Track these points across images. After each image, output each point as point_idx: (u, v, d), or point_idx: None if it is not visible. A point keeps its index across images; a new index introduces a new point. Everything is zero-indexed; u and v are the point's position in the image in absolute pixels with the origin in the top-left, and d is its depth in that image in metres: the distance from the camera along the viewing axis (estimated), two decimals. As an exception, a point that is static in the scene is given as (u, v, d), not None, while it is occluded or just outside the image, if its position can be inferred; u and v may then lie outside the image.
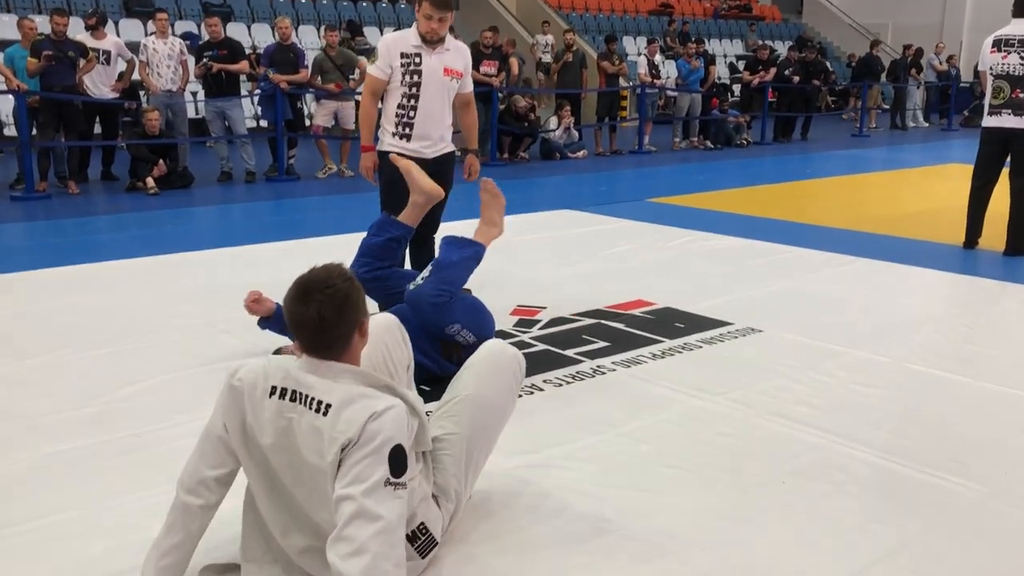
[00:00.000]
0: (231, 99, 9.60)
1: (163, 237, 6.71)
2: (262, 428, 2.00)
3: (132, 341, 4.10)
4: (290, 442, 1.97)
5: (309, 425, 1.93)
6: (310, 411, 1.93)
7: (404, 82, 4.22)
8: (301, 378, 1.98)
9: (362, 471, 1.85)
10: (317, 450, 1.92)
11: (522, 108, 11.96)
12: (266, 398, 2.00)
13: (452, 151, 4.46)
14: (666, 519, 2.53)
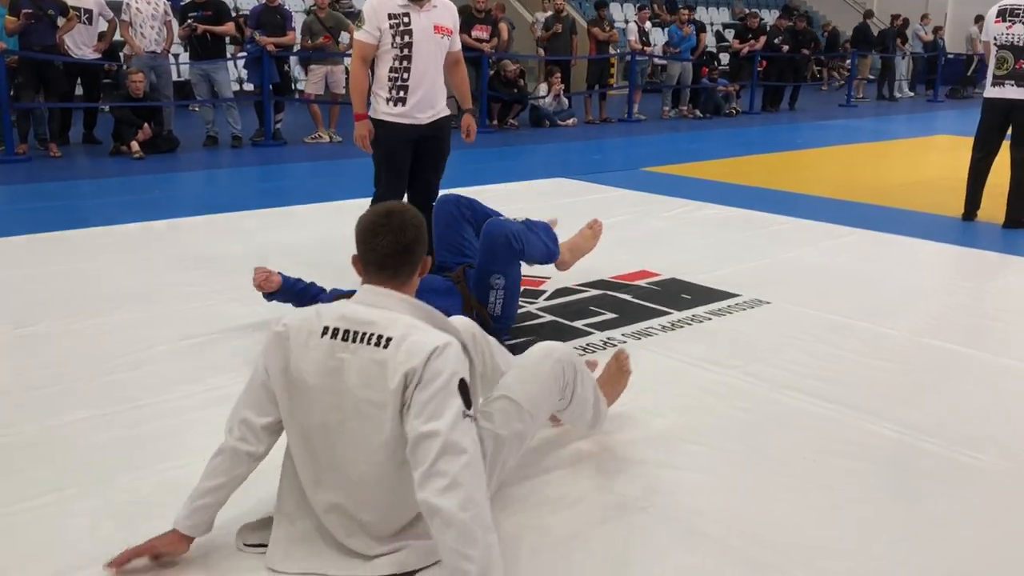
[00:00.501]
0: (216, 62, 9.38)
1: (150, 203, 6.56)
2: (309, 370, 1.99)
3: (130, 310, 3.99)
4: (340, 381, 1.97)
5: (368, 360, 1.94)
6: (369, 346, 1.95)
7: (395, 44, 4.06)
8: (360, 315, 2.00)
9: (437, 407, 1.87)
10: (376, 383, 1.92)
11: (511, 73, 11.80)
12: (317, 339, 2.00)
13: (448, 115, 4.32)
14: (693, 497, 2.48)
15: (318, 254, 4.98)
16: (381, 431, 1.95)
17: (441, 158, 4.33)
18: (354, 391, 1.96)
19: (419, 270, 2.11)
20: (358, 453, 1.99)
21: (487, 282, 3.52)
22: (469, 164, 8.53)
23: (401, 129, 4.14)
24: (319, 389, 1.99)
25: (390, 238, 2.03)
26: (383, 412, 1.93)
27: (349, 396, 1.97)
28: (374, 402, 1.94)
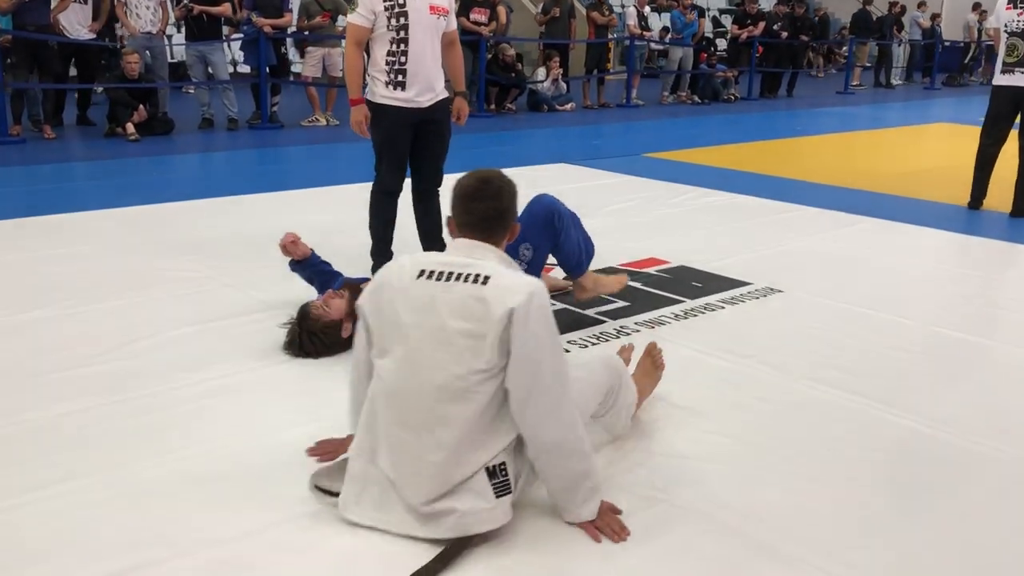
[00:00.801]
0: (212, 43, 9.25)
1: (146, 185, 6.47)
2: (403, 308, 2.13)
3: (127, 295, 3.91)
4: (433, 316, 2.09)
5: (465, 295, 2.07)
6: (467, 283, 2.08)
7: (391, 27, 3.94)
8: (455, 260, 2.16)
9: (539, 343, 2.04)
10: (475, 316, 2.05)
11: (509, 57, 11.70)
12: (413, 280, 2.14)
13: (447, 97, 4.23)
14: (717, 488, 2.43)
15: (316, 239, 4.84)
16: (474, 361, 2.05)
17: (444, 143, 4.24)
18: (449, 324, 2.07)
19: (508, 235, 2.26)
20: (443, 386, 2.08)
21: (516, 252, 3.43)
22: (467, 149, 8.43)
23: (403, 113, 4.05)
24: (412, 325, 2.11)
25: (487, 203, 2.20)
26: (481, 342, 2.04)
27: (443, 330, 2.07)
28: (472, 333, 2.05)
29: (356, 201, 4.35)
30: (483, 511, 2.10)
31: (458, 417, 2.08)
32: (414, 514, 2.12)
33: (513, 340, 2.03)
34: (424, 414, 2.10)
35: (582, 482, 2.14)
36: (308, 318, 3.24)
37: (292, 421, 2.74)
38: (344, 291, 3.34)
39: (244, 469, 2.46)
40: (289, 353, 3.24)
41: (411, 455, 2.12)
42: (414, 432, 2.11)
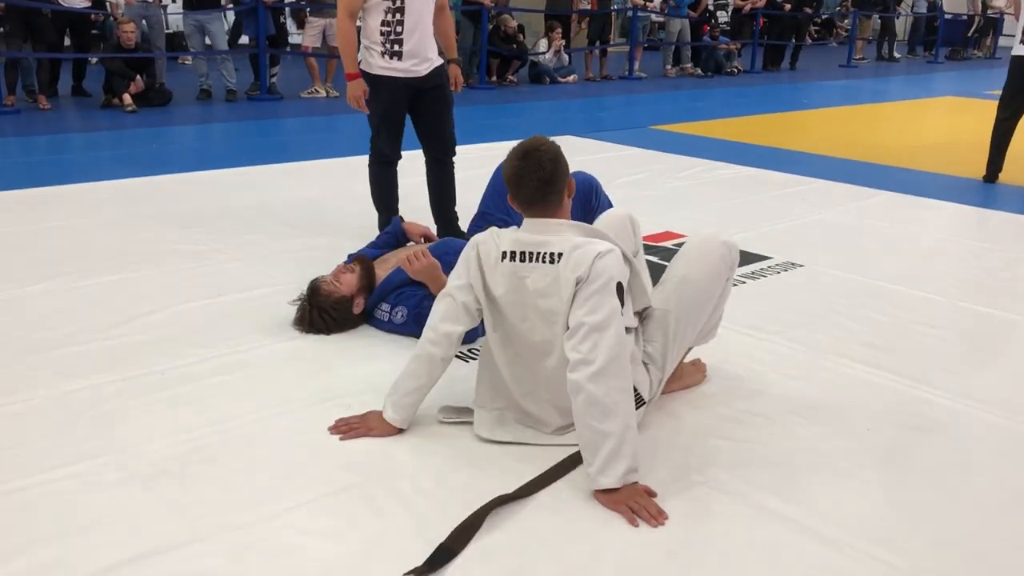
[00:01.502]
0: (211, 12, 9.05)
1: (144, 157, 6.34)
2: (497, 285, 2.30)
3: (134, 268, 3.80)
4: (523, 295, 2.26)
5: (542, 275, 2.22)
6: (543, 264, 2.22)
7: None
8: (530, 239, 2.26)
9: (596, 303, 2.13)
10: (552, 295, 2.21)
11: (511, 29, 11.52)
12: (499, 263, 2.29)
13: (442, 63, 4.08)
14: (754, 470, 2.34)
15: (316, 211, 4.80)
16: (559, 330, 2.21)
17: (448, 108, 4.11)
18: (536, 303, 2.25)
19: (567, 193, 2.32)
20: (543, 354, 2.29)
21: None
22: (469, 121, 8.30)
23: (401, 83, 3.92)
24: (507, 302, 2.30)
25: (532, 178, 2.25)
26: (561, 318, 2.20)
27: (532, 307, 2.26)
28: (553, 311, 2.22)
29: (357, 173, 4.24)
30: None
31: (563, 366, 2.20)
32: (545, 421, 2.37)
33: (578, 294, 2.15)
34: (533, 378, 2.34)
35: (603, 442, 2.12)
36: (318, 294, 3.12)
37: (307, 399, 2.65)
38: (355, 265, 3.23)
39: (260, 449, 2.37)
40: (299, 330, 3.14)
41: (538, 398, 2.36)
42: (531, 385, 2.35)
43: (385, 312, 3.15)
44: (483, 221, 3.68)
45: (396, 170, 4.13)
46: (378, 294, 3.19)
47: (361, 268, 3.22)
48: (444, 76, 4.10)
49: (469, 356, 2.99)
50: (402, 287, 3.16)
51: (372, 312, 3.20)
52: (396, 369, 2.83)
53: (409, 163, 4.24)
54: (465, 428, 2.48)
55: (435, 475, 2.26)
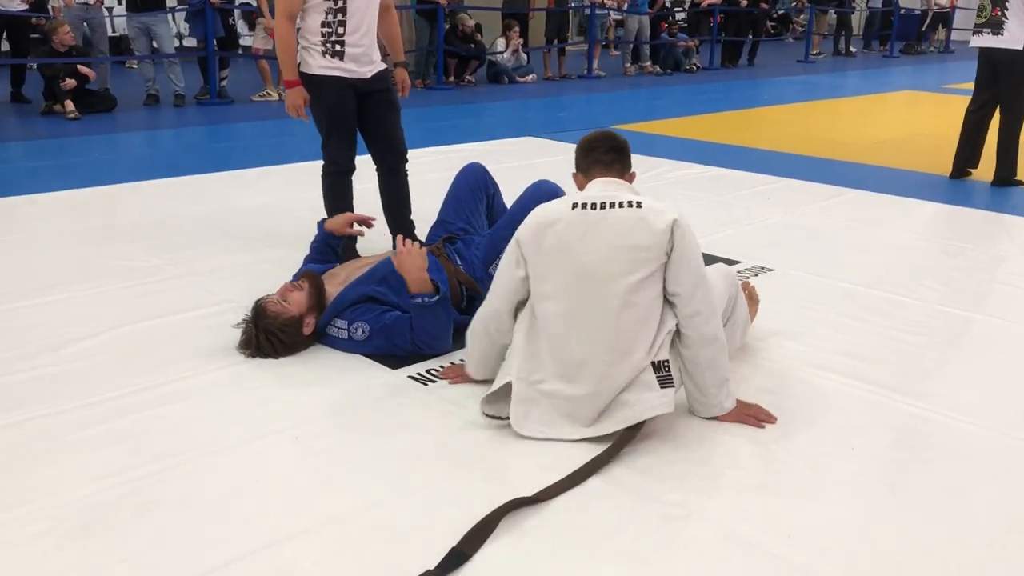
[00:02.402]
0: (156, 14, 8.75)
1: (86, 166, 6.07)
2: (566, 234, 2.42)
3: (69, 288, 3.55)
4: (598, 237, 2.40)
5: (624, 217, 2.39)
6: (622, 209, 2.40)
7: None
8: (604, 193, 2.46)
9: (695, 248, 2.42)
10: (640, 232, 2.37)
11: (468, 28, 11.32)
12: (569, 211, 2.44)
13: (386, 67, 3.88)
14: (734, 497, 2.18)
15: (268, 221, 4.57)
16: (639, 271, 2.36)
17: (395, 111, 3.89)
18: (614, 243, 2.38)
19: (631, 168, 2.63)
20: (614, 296, 2.38)
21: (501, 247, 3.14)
22: (428, 122, 8.11)
23: (345, 84, 3.69)
24: (580, 250, 2.40)
25: (608, 143, 2.60)
26: (647, 253, 2.36)
27: (610, 248, 2.38)
28: (638, 247, 2.36)
29: (313, 179, 4.02)
30: (651, 399, 2.37)
31: (627, 322, 2.37)
32: (580, 421, 2.41)
33: (676, 246, 2.36)
34: (597, 326, 2.39)
35: (727, 376, 2.50)
36: (265, 315, 2.90)
37: (252, 432, 2.44)
38: (303, 282, 3.02)
39: (201, 493, 2.16)
40: (245, 354, 2.92)
41: (586, 369, 2.40)
42: (587, 345, 2.40)
43: (342, 329, 2.95)
44: (441, 229, 3.49)
45: (351, 179, 3.92)
46: (332, 311, 2.98)
47: (310, 285, 3.01)
48: (390, 80, 3.89)
49: (427, 379, 2.80)
50: (358, 302, 2.97)
51: (325, 330, 2.99)
52: (350, 394, 2.68)
53: (359, 168, 4.03)
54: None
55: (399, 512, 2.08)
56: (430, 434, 2.46)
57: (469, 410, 2.59)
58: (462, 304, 3.15)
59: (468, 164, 3.69)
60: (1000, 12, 5.70)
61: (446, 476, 2.25)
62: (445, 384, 2.76)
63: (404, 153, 3.96)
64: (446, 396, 2.68)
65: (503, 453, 2.37)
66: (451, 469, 2.28)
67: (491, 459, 2.34)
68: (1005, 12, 5.65)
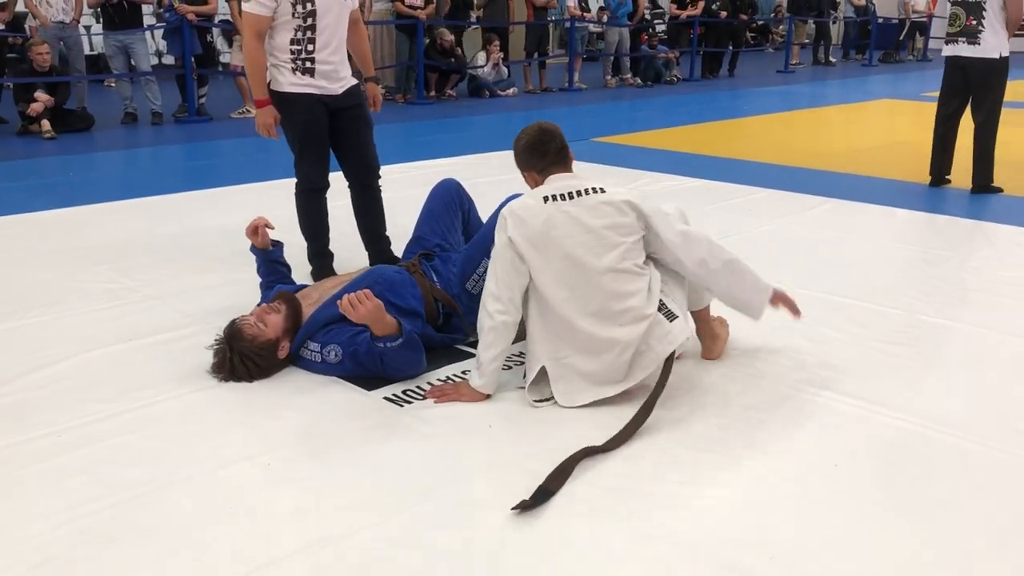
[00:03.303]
0: (134, 32, 8.68)
1: (62, 186, 5.99)
2: (549, 225, 2.66)
3: (38, 312, 3.48)
4: (577, 224, 2.67)
5: (594, 202, 2.70)
6: (590, 195, 2.71)
7: (296, 14, 3.51)
8: (565, 184, 2.74)
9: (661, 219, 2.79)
10: (612, 211, 2.69)
11: (448, 43, 11.30)
12: (541, 204, 2.69)
13: (357, 83, 3.83)
14: (717, 518, 2.13)
15: (244, 239, 4.39)
16: (622, 241, 2.68)
17: (368, 128, 3.84)
18: (591, 225, 2.67)
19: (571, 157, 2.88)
20: (607, 268, 2.66)
21: (478, 262, 3.11)
22: (410, 137, 8.07)
23: (316, 100, 3.65)
24: (564, 235, 2.66)
25: (555, 143, 2.81)
26: (623, 228, 2.69)
27: (588, 231, 2.66)
28: (614, 225, 2.68)
29: (287, 198, 3.96)
30: (669, 335, 2.67)
31: (623, 291, 2.66)
32: (613, 382, 2.69)
33: (647, 223, 2.73)
34: (599, 302, 2.65)
35: (751, 276, 2.97)
36: (241, 338, 2.83)
37: (222, 459, 2.37)
38: (280, 304, 2.96)
39: (167, 525, 2.09)
40: (218, 378, 2.85)
41: (600, 341, 2.65)
42: (594, 321, 2.65)
43: (315, 352, 2.88)
44: (417, 246, 3.44)
45: (325, 197, 3.86)
46: (304, 333, 2.93)
47: (288, 308, 2.95)
48: (361, 96, 3.85)
49: (403, 400, 2.74)
50: (331, 324, 2.91)
51: (298, 352, 2.93)
52: (324, 418, 2.61)
53: (332, 185, 3.97)
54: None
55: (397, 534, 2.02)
56: (405, 457, 2.40)
57: (445, 431, 2.54)
58: (438, 322, 3.10)
59: (442, 180, 3.65)
60: (975, 22, 5.71)
61: (421, 501, 2.19)
62: (421, 405, 2.70)
63: (377, 169, 3.91)
64: (422, 417, 2.63)
65: (479, 477, 2.32)
66: (426, 493, 2.22)
67: (467, 483, 2.29)
68: (981, 22, 5.67)
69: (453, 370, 2.95)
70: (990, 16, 5.63)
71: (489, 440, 2.51)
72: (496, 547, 2.02)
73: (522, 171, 2.89)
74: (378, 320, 2.70)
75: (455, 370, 2.95)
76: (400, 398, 2.74)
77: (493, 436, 2.53)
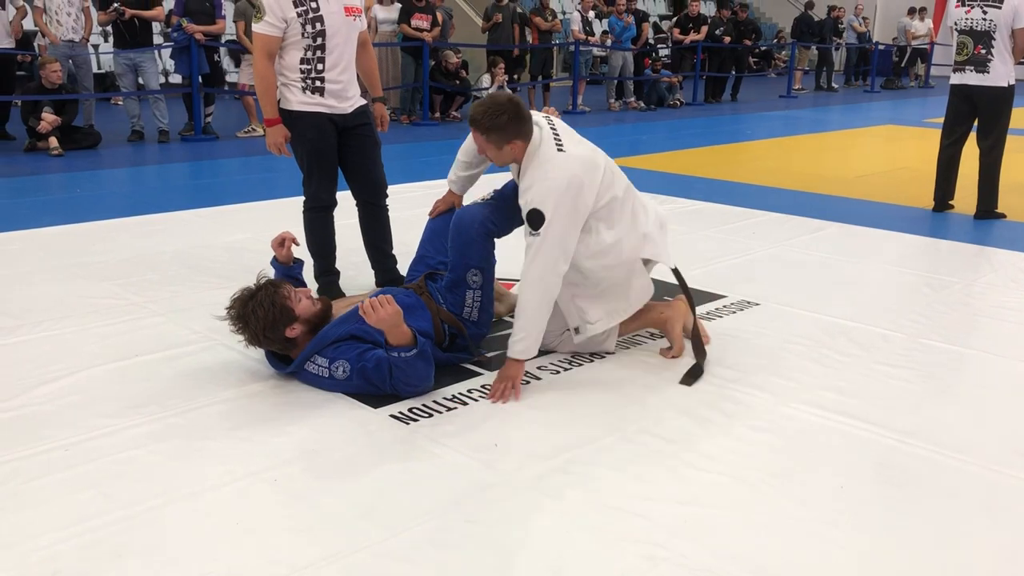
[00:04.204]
0: (144, 51, 8.75)
1: (69, 203, 6.02)
2: (599, 165, 3.10)
3: (44, 327, 3.49)
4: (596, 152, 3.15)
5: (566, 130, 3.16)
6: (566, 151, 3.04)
7: (306, 34, 3.55)
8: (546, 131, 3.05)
9: None
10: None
11: (453, 65, 11.38)
12: (580, 155, 3.05)
13: (366, 103, 3.87)
14: (725, 539, 2.13)
15: (248, 258, 4.50)
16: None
17: (376, 148, 3.88)
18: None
19: None
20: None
21: (464, 281, 3.16)
22: (416, 158, 8.10)
23: (326, 119, 3.69)
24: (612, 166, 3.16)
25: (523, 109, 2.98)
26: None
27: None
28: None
29: (293, 215, 3.99)
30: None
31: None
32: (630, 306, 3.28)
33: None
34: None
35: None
36: (274, 289, 2.89)
37: (229, 474, 2.38)
38: (319, 302, 3.01)
39: (177, 540, 2.10)
40: (226, 313, 2.90)
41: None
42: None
43: (323, 367, 2.90)
44: (422, 265, 3.46)
45: (333, 216, 3.89)
46: (313, 347, 2.94)
47: (322, 306, 3.01)
48: (369, 115, 3.88)
49: (409, 418, 2.75)
50: (339, 341, 2.92)
51: (303, 367, 2.94)
52: (330, 435, 2.62)
53: (340, 203, 3.99)
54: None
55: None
56: (411, 475, 2.41)
57: (451, 449, 2.54)
58: (444, 343, 3.11)
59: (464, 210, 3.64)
60: (984, 50, 5.76)
61: (427, 518, 2.19)
62: (427, 423, 2.71)
63: (384, 188, 3.93)
64: (428, 435, 2.63)
65: (485, 494, 2.32)
66: (432, 511, 2.23)
67: (473, 501, 2.29)
68: (991, 50, 5.72)
69: (459, 388, 2.96)
70: (999, 45, 5.68)
71: (495, 458, 2.51)
72: (504, 565, 2.02)
73: (506, 143, 2.96)
74: (396, 326, 2.73)
75: (461, 388, 2.96)
76: (407, 416, 2.75)
77: (499, 454, 2.54)
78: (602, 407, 2.86)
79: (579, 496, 2.30)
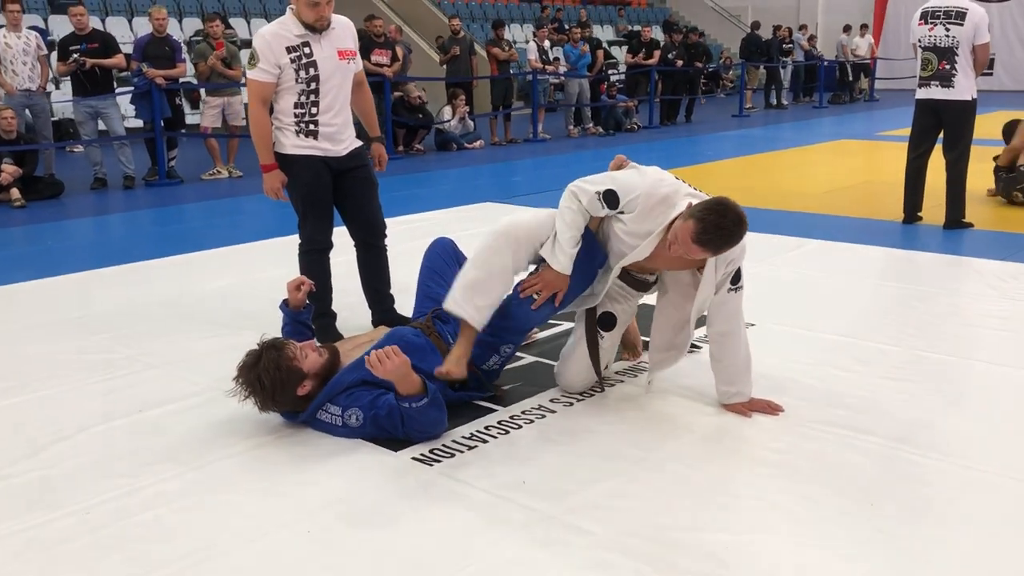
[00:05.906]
0: (106, 97, 8.63)
1: (34, 256, 5.89)
2: None
3: (38, 385, 3.40)
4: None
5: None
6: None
7: (300, 79, 3.56)
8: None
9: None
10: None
11: (415, 99, 11.42)
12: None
13: (361, 144, 3.88)
14: (762, 564, 2.14)
15: (233, 303, 4.44)
16: None
17: (374, 189, 3.89)
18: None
19: None
20: None
21: (495, 349, 3.15)
22: (383, 193, 8.04)
23: (320, 163, 3.68)
24: None
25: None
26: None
27: None
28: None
29: (269, 257, 3.95)
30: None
31: None
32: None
33: None
34: None
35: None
36: (279, 350, 2.83)
37: (258, 529, 2.33)
38: (325, 350, 2.97)
39: None
40: (237, 379, 2.82)
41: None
42: None
43: (336, 416, 2.86)
44: (430, 301, 3.42)
45: (328, 258, 3.86)
46: (325, 395, 2.90)
47: (329, 357, 2.96)
48: (366, 156, 3.88)
49: (431, 459, 2.72)
50: (352, 388, 2.89)
51: (316, 415, 2.90)
52: (356, 482, 2.59)
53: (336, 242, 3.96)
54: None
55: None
56: (444, 518, 2.38)
57: (479, 490, 2.52)
58: (456, 385, 3.09)
59: (436, 239, 3.63)
60: (948, 66, 5.92)
61: (465, 563, 2.17)
62: (450, 464, 2.69)
63: (383, 228, 3.93)
64: (454, 476, 2.61)
65: (519, 534, 2.30)
66: (469, 553, 2.20)
67: (509, 541, 2.27)
68: (954, 66, 5.89)
69: (475, 427, 2.94)
70: (962, 60, 5.87)
71: (526, 495, 2.49)
72: None
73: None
74: (404, 377, 2.70)
75: (478, 426, 2.95)
76: (428, 457, 2.72)
77: (528, 491, 2.52)
78: (618, 437, 2.86)
79: (616, 528, 2.29)
